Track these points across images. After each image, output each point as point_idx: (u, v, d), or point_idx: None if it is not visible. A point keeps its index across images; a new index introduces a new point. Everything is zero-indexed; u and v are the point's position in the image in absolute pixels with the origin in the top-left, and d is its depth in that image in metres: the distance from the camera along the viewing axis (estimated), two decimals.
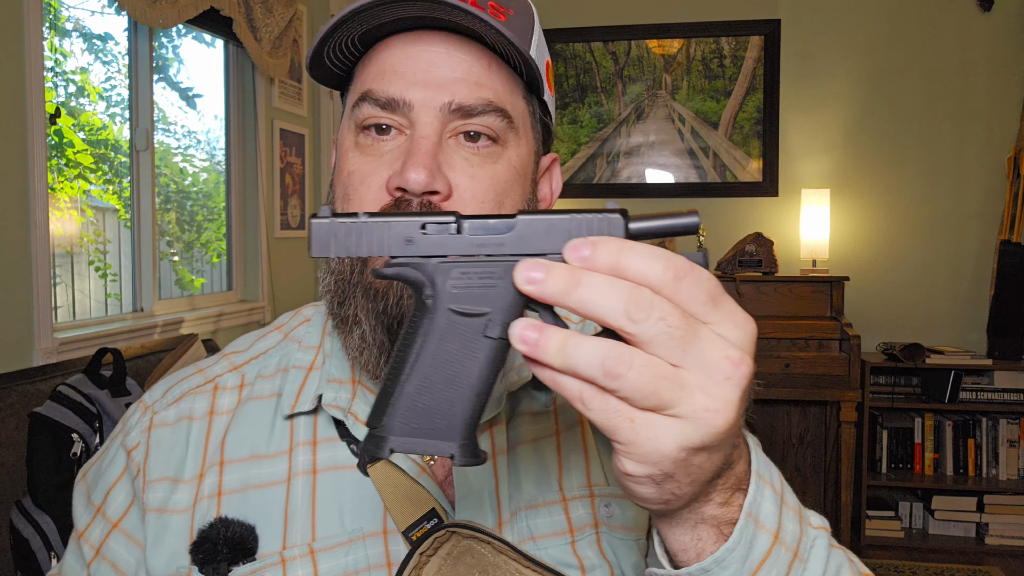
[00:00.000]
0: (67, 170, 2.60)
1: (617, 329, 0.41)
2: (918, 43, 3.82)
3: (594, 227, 0.46)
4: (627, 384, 0.41)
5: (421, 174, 0.63)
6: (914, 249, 3.86)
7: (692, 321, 0.42)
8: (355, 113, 0.68)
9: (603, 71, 4.07)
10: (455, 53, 0.66)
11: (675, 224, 0.46)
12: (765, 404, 3.68)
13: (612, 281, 0.41)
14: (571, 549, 0.72)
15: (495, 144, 0.68)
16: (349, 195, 0.68)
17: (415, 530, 0.67)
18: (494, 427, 0.74)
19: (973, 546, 3.54)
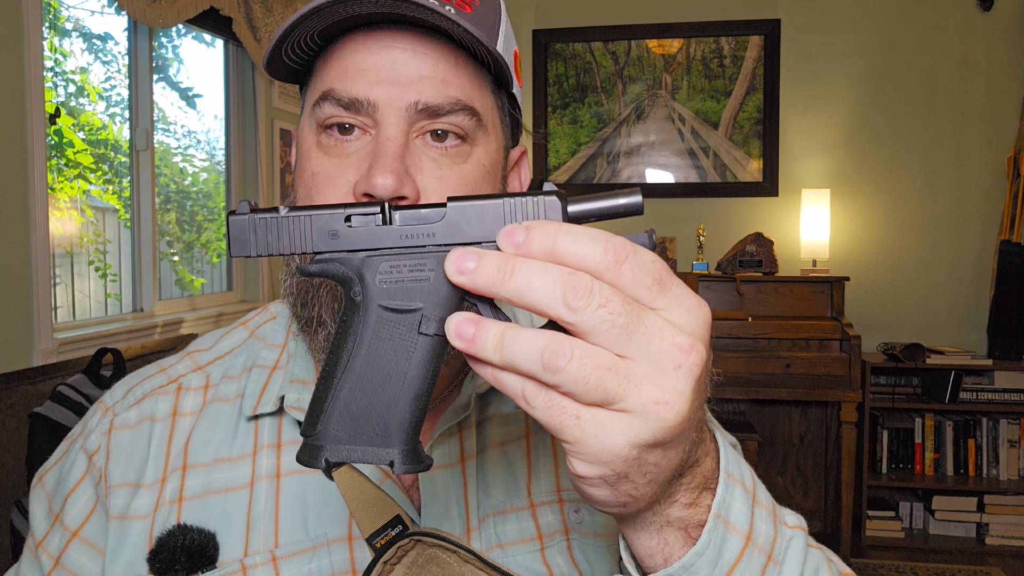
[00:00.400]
0: (67, 170, 2.60)
1: (556, 318, 0.38)
2: (918, 43, 3.82)
3: (529, 210, 0.43)
4: (568, 377, 0.37)
5: (388, 179, 0.61)
6: (914, 249, 3.86)
7: (636, 307, 0.39)
8: (316, 112, 0.65)
9: (603, 71, 4.07)
10: (420, 49, 0.64)
11: (617, 204, 0.43)
12: (765, 404, 3.68)
13: (547, 267, 0.38)
14: (540, 556, 0.70)
15: (463, 143, 0.65)
16: (313, 197, 0.65)
17: (379, 537, 0.66)
18: (463, 431, 0.72)
19: (973, 546, 3.53)
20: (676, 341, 0.39)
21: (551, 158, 4.10)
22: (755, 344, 3.40)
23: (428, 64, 0.64)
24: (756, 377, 3.35)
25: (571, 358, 0.38)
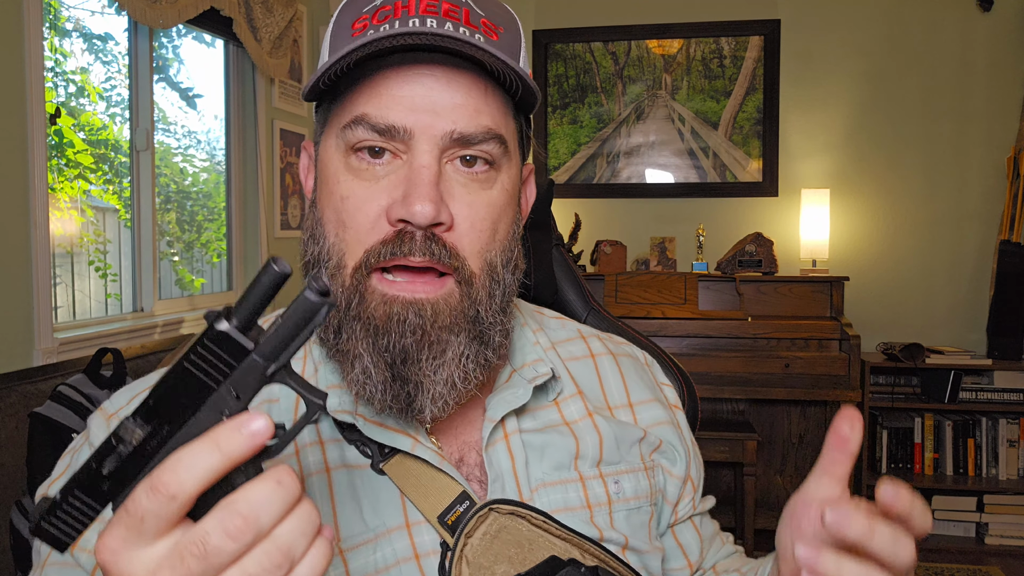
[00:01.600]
0: (67, 170, 2.60)
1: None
2: (918, 43, 3.82)
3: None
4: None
5: (427, 207, 0.63)
6: (914, 249, 3.86)
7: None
8: (347, 135, 0.66)
9: (603, 71, 4.07)
10: (454, 79, 0.66)
11: (262, 290, 0.45)
12: (764, 404, 3.68)
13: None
14: (591, 522, 0.75)
15: (491, 169, 0.68)
16: (345, 221, 0.67)
17: (448, 515, 0.68)
18: (505, 418, 0.76)
19: (973, 546, 3.54)
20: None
21: (551, 158, 4.10)
22: (754, 344, 3.40)
23: (461, 93, 0.66)
24: (755, 377, 3.35)
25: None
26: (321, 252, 0.69)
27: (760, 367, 3.35)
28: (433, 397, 0.67)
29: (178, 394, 0.46)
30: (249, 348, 0.45)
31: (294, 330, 0.46)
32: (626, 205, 4.07)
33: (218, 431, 0.44)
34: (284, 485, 0.45)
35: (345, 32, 0.68)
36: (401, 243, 0.64)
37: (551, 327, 0.89)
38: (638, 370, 0.89)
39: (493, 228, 0.69)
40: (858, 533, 0.51)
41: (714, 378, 3.35)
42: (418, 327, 0.65)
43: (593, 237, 3.95)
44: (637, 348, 0.93)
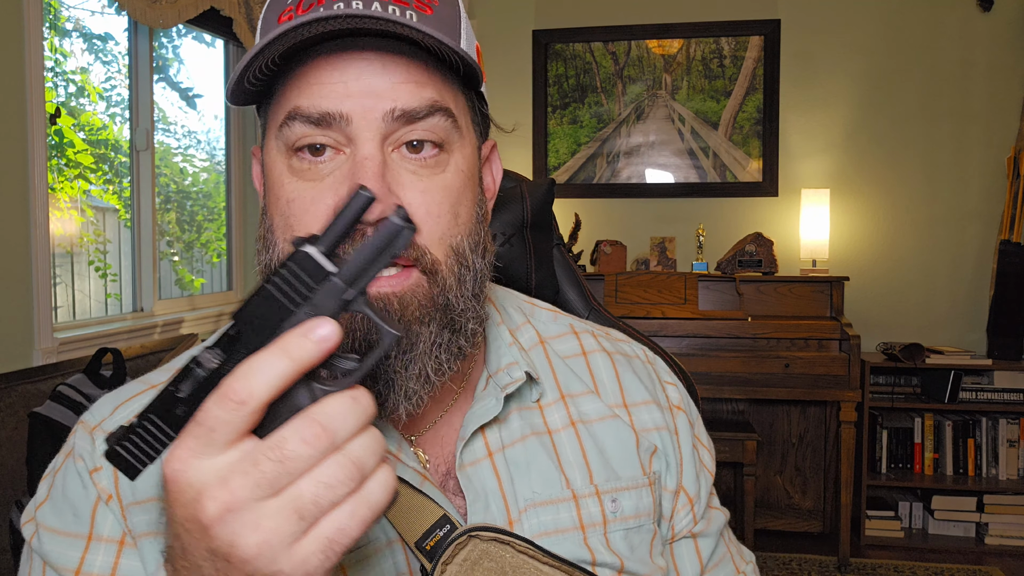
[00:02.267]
0: (67, 170, 2.60)
1: None
2: (918, 43, 3.82)
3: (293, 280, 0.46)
4: None
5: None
6: (914, 249, 3.86)
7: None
8: (284, 133, 0.63)
9: (603, 71, 4.07)
10: (389, 59, 0.62)
11: (350, 216, 0.46)
12: (764, 404, 3.68)
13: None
14: (584, 544, 0.72)
15: (440, 151, 0.64)
16: (292, 225, 0.63)
17: (427, 540, 0.66)
18: (486, 429, 0.73)
19: (973, 546, 3.54)
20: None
21: (551, 158, 4.11)
22: (754, 344, 3.40)
23: (400, 71, 0.63)
24: (755, 377, 3.35)
25: None
26: (272, 259, 0.66)
27: (760, 367, 3.35)
28: (406, 394, 0.64)
29: (258, 316, 0.47)
30: (331, 271, 0.46)
31: (374, 254, 0.47)
32: (626, 205, 4.07)
33: (286, 338, 0.44)
34: (359, 401, 0.45)
35: (271, 27, 0.65)
36: (353, 242, 0.60)
37: (542, 320, 0.84)
38: (635, 368, 0.83)
39: (453, 212, 0.65)
40: None
41: (714, 378, 3.35)
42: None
43: (593, 237, 3.95)
44: (638, 345, 0.87)
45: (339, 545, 0.44)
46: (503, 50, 4.08)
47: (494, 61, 4.10)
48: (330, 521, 0.44)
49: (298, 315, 0.46)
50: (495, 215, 1.10)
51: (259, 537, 0.43)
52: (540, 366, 0.78)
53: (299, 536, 0.44)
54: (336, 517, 0.44)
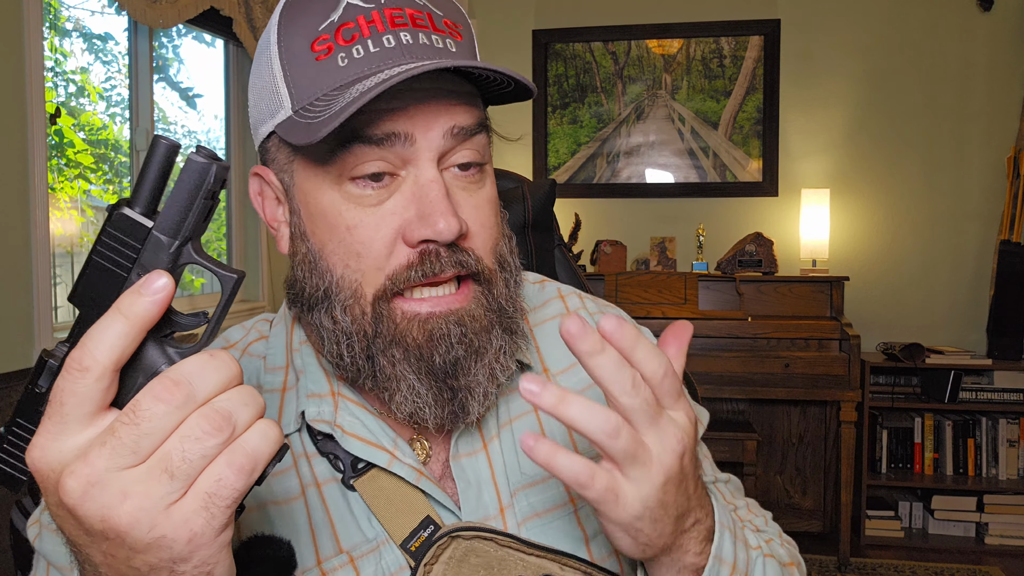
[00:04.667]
0: (67, 170, 2.60)
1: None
2: (918, 43, 3.82)
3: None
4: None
5: (452, 222, 0.62)
6: (914, 249, 3.86)
7: (659, 408, 0.55)
8: (339, 159, 0.63)
9: (603, 71, 4.07)
10: (438, 82, 0.64)
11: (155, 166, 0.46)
12: (764, 403, 3.68)
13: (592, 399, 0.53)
14: (575, 519, 0.73)
15: (480, 169, 0.68)
16: (359, 252, 0.64)
17: (412, 540, 0.67)
18: (480, 418, 0.74)
19: (973, 546, 3.54)
20: (677, 433, 0.55)
21: (551, 158, 4.10)
22: (754, 344, 3.40)
23: (451, 94, 0.65)
24: (755, 377, 3.35)
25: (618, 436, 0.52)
26: (329, 287, 0.66)
27: (760, 367, 3.35)
28: (480, 398, 0.67)
29: (94, 291, 0.45)
30: (148, 226, 0.45)
31: (187, 199, 0.45)
32: (626, 205, 4.07)
33: (120, 299, 0.43)
34: (217, 358, 0.44)
35: (305, 56, 0.64)
36: (429, 264, 0.63)
37: (529, 295, 0.86)
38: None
39: (496, 221, 0.69)
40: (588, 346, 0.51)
41: (714, 378, 3.35)
42: (463, 337, 0.65)
43: (593, 237, 3.95)
44: (620, 310, 0.89)
45: (221, 499, 0.43)
46: (503, 50, 4.08)
47: (494, 61, 4.09)
48: (206, 475, 0.43)
49: (131, 279, 0.45)
50: None
51: (130, 505, 0.42)
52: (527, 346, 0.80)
53: (176, 497, 0.42)
54: (212, 470, 0.43)
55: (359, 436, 0.69)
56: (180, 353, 0.45)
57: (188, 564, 0.44)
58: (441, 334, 0.65)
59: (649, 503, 0.54)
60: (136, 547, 0.43)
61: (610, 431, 0.51)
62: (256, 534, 0.68)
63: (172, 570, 0.44)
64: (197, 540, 0.43)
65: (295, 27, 0.65)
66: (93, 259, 0.46)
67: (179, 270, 0.46)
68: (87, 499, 0.42)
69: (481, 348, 0.66)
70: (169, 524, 0.42)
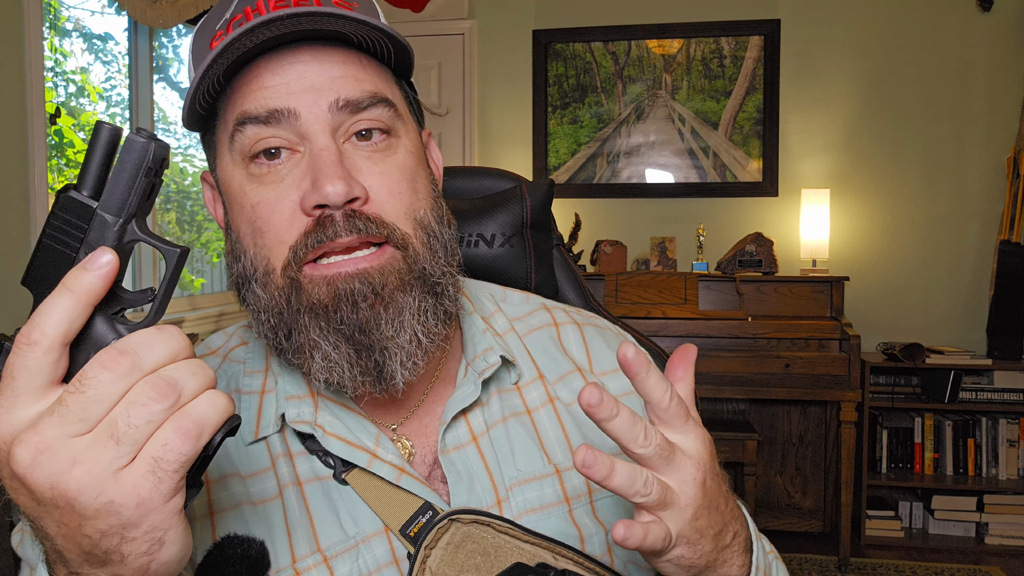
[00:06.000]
0: (67, 170, 2.61)
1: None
2: (918, 43, 3.82)
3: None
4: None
5: (338, 184, 0.62)
6: (914, 249, 3.86)
7: (671, 446, 0.59)
8: (237, 141, 0.66)
9: (603, 71, 4.07)
10: (324, 57, 0.65)
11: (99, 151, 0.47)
12: (765, 404, 3.68)
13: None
14: (569, 518, 0.74)
15: (388, 136, 0.68)
16: (261, 228, 0.65)
17: (411, 526, 0.68)
18: (467, 414, 0.75)
19: (973, 546, 3.54)
20: (692, 464, 0.58)
21: (551, 158, 4.11)
22: (754, 344, 3.40)
23: (336, 67, 0.65)
24: (755, 377, 3.35)
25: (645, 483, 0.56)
26: (245, 267, 0.68)
27: (760, 367, 3.35)
28: (402, 360, 0.66)
29: (45, 273, 0.47)
30: (93, 206, 0.46)
31: (130, 178, 0.47)
32: (626, 205, 4.07)
33: (67, 275, 0.44)
34: (164, 331, 0.45)
35: (204, 53, 0.68)
36: (324, 229, 0.63)
37: (513, 302, 0.87)
38: (606, 339, 0.85)
39: (412, 188, 0.68)
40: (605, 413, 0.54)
41: (714, 378, 3.35)
42: (368, 293, 0.65)
43: (593, 237, 3.95)
44: (607, 322, 0.90)
45: (168, 464, 0.43)
46: (503, 50, 4.08)
47: (494, 61, 4.11)
48: (152, 441, 0.43)
49: (79, 258, 0.47)
50: (495, 215, 1.10)
51: (79, 471, 0.43)
52: (515, 349, 0.81)
53: (124, 463, 0.43)
54: (158, 435, 0.43)
55: (339, 436, 0.70)
56: (129, 329, 0.46)
57: (138, 530, 0.44)
58: (347, 291, 0.64)
59: (684, 534, 0.58)
60: (86, 513, 0.43)
61: (643, 489, 0.55)
62: (229, 534, 0.68)
63: (123, 536, 0.44)
64: (145, 505, 0.43)
65: (201, 32, 0.69)
66: (43, 241, 0.47)
67: (127, 248, 0.48)
68: (36, 467, 0.43)
69: (392, 307, 0.65)
70: (117, 489, 0.43)
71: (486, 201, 1.12)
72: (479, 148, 4.14)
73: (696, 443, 0.59)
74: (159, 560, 0.46)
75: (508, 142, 4.13)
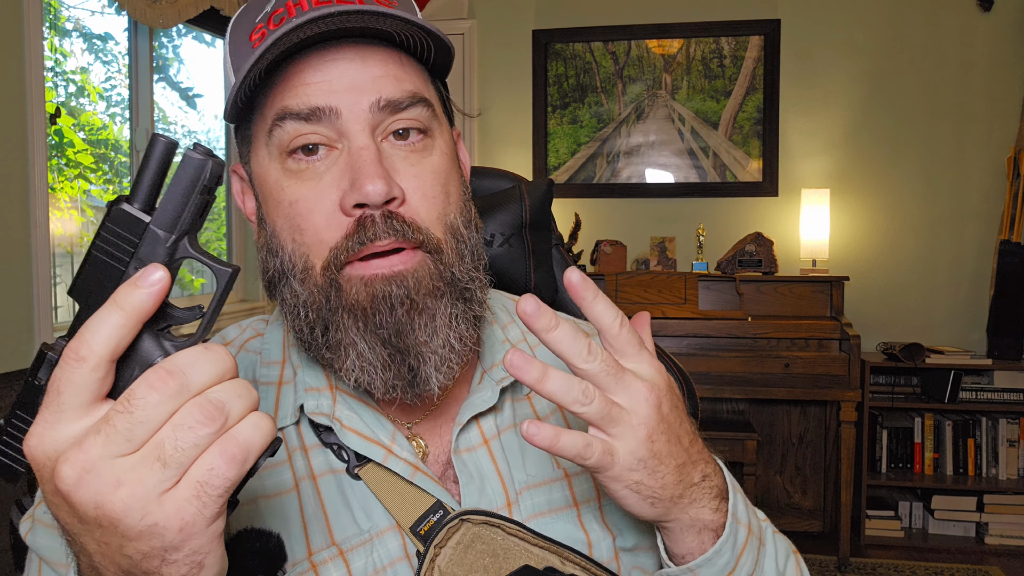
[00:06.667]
0: (67, 170, 2.61)
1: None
2: (918, 43, 3.82)
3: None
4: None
5: (379, 184, 0.62)
6: (914, 249, 3.86)
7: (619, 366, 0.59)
8: (276, 136, 0.66)
9: (603, 71, 4.07)
10: (365, 54, 0.65)
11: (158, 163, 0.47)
12: (765, 404, 3.68)
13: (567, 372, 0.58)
14: (578, 522, 0.74)
15: (425, 136, 0.68)
16: (300, 225, 0.66)
17: (422, 525, 0.68)
18: (480, 418, 0.75)
19: (973, 546, 3.54)
20: (645, 386, 0.58)
21: (551, 158, 4.10)
22: (754, 344, 3.40)
23: (378, 66, 0.66)
24: (755, 376, 3.35)
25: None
26: (283, 263, 0.68)
27: (760, 367, 3.35)
28: (436, 365, 0.67)
29: (94, 285, 0.46)
30: (146, 220, 0.46)
31: (184, 194, 0.46)
32: (626, 205, 4.07)
33: (117, 291, 0.44)
34: (212, 350, 0.45)
35: (245, 47, 0.68)
36: (364, 230, 0.64)
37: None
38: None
39: (445, 192, 0.68)
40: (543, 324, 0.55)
41: (714, 378, 3.35)
42: (405, 298, 0.65)
43: (593, 237, 3.95)
44: None
45: (213, 488, 0.43)
46: (503, 50, 4.08)
47: (494, 61, 4.11)
48: (198, 464, 0.43)
49: (128, 273, 0.46)
50: (494, 215, 1.10)
51: (124, 492, 0.42)
52: None
53: (168, 485, 0.43)
54: (204, 459, 0.43)
55: (356, 430, 0.70)
56: (176, 346, 0.46)
57: (180, 553, 0.44)
58: (384, 294, 0.65)
59: (639, 454, 0.57)
60: (129, 535, 0.43)
61: (581, 398, 0.55)
62: (246, 527, 0.68)
63: (164, 559, 0.44)
64: (189, 529, 0.43)
65: (239, 25, 0.69)
66: (92, 253, 0.47)
67: (176, 264, 0.47)
68: (81, 485, 0.43)
69: (427, 311, 0.66)
70: (161, 512, 0.43)
71: (485, 201, 1.12)
72: (479, 148, 4.14)
73: (651, 371, 0.59)
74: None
75: (508, 142, 4.13)
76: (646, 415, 0.57)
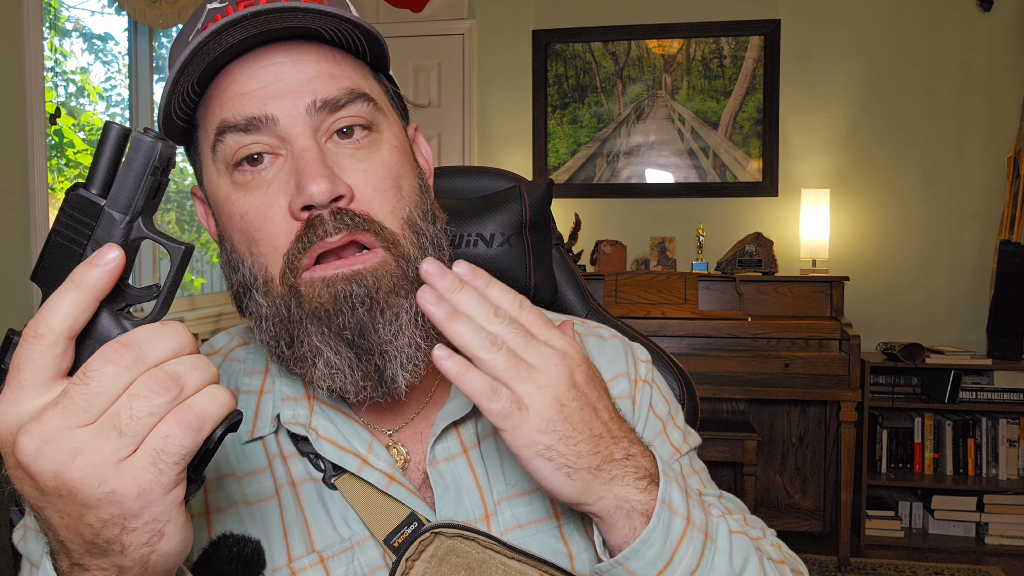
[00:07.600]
0: (67, 170, 2.61)
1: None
2: (918, 43, 3.82)
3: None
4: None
5: (322, 184, 0.62)
6: (914, 249, 3.86)
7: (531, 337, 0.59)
8: (219, 151, 0.65)
9: (603, 71, 4.07)
10: (297, 56, 0.65)
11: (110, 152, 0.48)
12: (765, 404, 3.68)
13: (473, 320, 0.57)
14: (558, 534, 0.73)
15: (371, 132, 0.67)
16: (254, 236, 0.65)
17: (395, 537, 0.67)
18: (459, 426, 0.74)
19: (973, 546, 3.54)
20: (556, 354, 0.58)
21: (551, 158, 4.11)
22: (754, 344, 3.40)
23: (312, 66, 0.65)
24: (755, 377, 3.35)
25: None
26: (244, 277, 0.67)
27: (760, 367, 3.35)
28: (402, 363, 0.66)
29: (53, 269, 0.48)
30: (101, 203, 0.47)
31: (137, 177, 0.48)
32: (626, 205, 4.07)
33: (74, 271, 0.45)
34: (168, 326, 0.46)
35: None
36: (313, 230, 0.63)
37: None
38: (605, 352, 0.83)
39: (397, 185, 0.67)
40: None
41: (714, 378, 3.35)
42: (365, 296, 0.64)
43: (593, 237, 3.95)
44: (611, 329, 0.87)
45: (169, 456, 0.44)
46: (503, 50, 4.08)
47: (494, 61, 4.11)
48: (154, 433, 0.44)
49: (86, 254, 0.48)
50: (494, 215, 1.10)
51: (81, 460, 0.43)
52: None
53: (125, 454, 0.44)
54: (160, 428, 0.44)
55: (331, 440, 0.70)
56: (134, 324, 0.48)
57: (139, 520, 0.45)
58: (345, 294, 0.64)
59: (547, 414, 0.56)
60: (88, 502, 0.44)
61: (488, 344, 0.55)
62: (225, 533, 0.68)
63: (124, 526, 0.45)
64: (146, 496, 0.44)
65: (176, 46, 0.69)
66: (52, 239, 0.48)
67: (133, 245, 0.49)
68: (40, 456, 0.44)
69: (389, 309, 0.65)
70: (119, 479, 0.44)
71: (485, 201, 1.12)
72: (479, 148, 4.14)
73: (563, 343, 0.59)
74: (159, 551, 0.46)
75: (508, 142, 4.13)
76: (556, 376, 0.57)
